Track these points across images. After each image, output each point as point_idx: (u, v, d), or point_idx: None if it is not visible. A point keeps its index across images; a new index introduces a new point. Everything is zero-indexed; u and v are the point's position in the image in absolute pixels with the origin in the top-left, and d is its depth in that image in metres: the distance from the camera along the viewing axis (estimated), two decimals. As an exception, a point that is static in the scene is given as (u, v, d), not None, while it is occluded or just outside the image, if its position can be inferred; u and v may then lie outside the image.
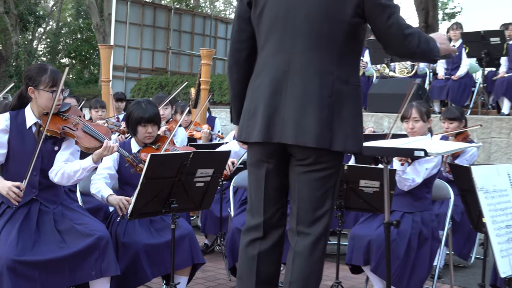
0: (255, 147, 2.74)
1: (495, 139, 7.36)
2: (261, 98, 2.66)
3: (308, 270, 2.63)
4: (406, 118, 4.47)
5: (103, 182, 4.00)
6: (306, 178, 2.65)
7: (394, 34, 2.64)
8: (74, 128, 3.55)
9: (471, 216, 3.71)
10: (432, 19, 18.56)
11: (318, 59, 2.63)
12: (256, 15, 2.71)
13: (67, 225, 3.53)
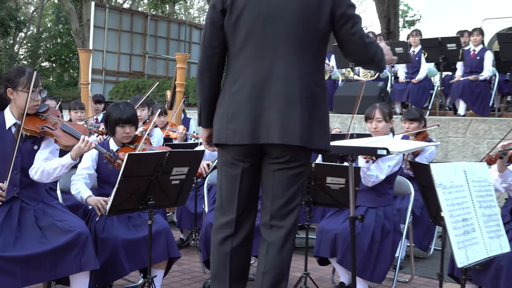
0: (232, 148, 2.72)
1: (452, 138, 7.45)
2: (242, 103, 2.65)
3: (281, 260, 2.65)
4: (369, 118, 4.51)
5: (83, 182, 3.98)
6: (281, 175, 2.67)
7: (357, 41, 2.71)
8: (53, 128, 3.51)
9: (430, 211, 3.74)
10: (394, 26, 18.72)
11: (298, 63, 2.65)
12: (232, 22, 2.68)
13: (48, 221, 3.48)
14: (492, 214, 3.01)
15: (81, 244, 3.41)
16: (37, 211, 3.52)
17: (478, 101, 8.56)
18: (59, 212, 3.61)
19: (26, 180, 3.51)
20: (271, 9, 2.61)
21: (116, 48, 16.22)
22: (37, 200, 3.58)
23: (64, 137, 3.51)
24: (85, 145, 3.44)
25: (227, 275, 2.73)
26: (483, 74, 8.69)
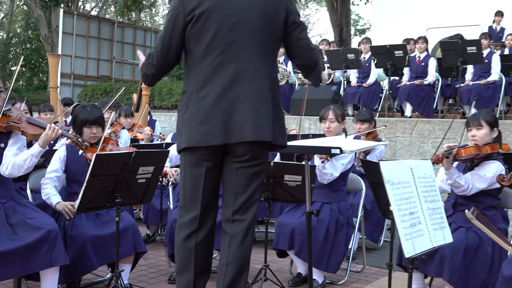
0: (199, 149, 2.70)
1: (400, 138, 7.55)
2: (212, 106, 2.64)
3: (243, 251, 2.66)
4: (323, 119, 4.55)
5: (52, 186, 3.94)
6: (243, 173, 2.68)
7: (304, 46, 2.79)
8: (18, 122, 3.46)
9: (380, 205, 3.79)
10: (346, 34, 18.93)
11: (262, 67, 2.68)
12: (196, 31, 2.66)
13: (19, 219, 3.42)
14: (436, 207, 3.07)
15: (51, 241, 3.36)
16: (7, 209, 3.45)
17: (423, 103, 8.70)
18: (30, 210, 3.55)
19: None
20: (235, 17, 2.62)
21: (84, 53, 16.02)
22: (6, 197, 3.50)
23: (30, 128, 3.46)
24: (52, 132, 3.41)
25: (192, 269, 2.72)
26: (428, 79, 8.83)
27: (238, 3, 2.62)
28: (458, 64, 8.20)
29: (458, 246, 3.52)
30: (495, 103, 8.39)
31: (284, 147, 2.82)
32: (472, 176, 3.67)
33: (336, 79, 9.65)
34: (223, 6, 2.61)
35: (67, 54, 15.31)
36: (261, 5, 2.63)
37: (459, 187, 3.63)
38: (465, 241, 3.58)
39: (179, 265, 2.77)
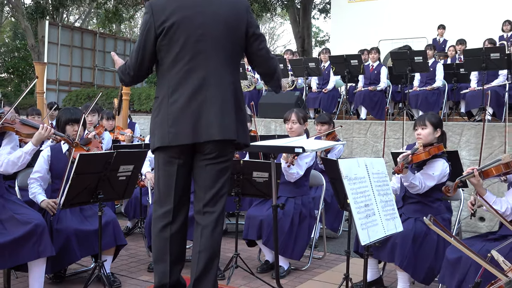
0: (171, 148, 2.69)
1: (356, 138, 7.62)
2: (182, 109, 2.63)
3: (214, 240, 2.66)
4: (287, 120, 4.58)
5: (38, 185, 3.92)
6: (212, 169, 2.69)
7: (263, 55, 2.81)
8: (12, 123, 3.41)
9: (339, 198, 3.82)
10: (307, 45, 19.06)
11: (226, 74, 2.69)
12: (165, 42, 2.65)
13: (8, 214, 3.35)
14: (388, 200, 3.10)
15: (38, 234, 3.32)
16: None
17: (376, 107, 8.79)
18: (18, 206, 3.49)
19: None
20: (201, 30, 2.63)
21: (69, 62, 15.80)
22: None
23: (24, 128, 3.43)
24: (45, 131, 3.38)
25: (168, 258, 2.71)
26: (380, 85, 8.93)
27: (203, 17, 2.63)
28: (407, 72, 8.32)
29: (408, 234, 3.57)
30: (439, 107, 8.53)
31: (247, 146, 2.83)
32: (423, 175, 3.72)
33: (299, 85, 9.69)
34: (190, 20, 2.62)
35: (53, 62, 15.08)
36: (224, 19, 2.65)
37: (414, 187, 3.69)
38: (413, 230, 3.63)
39: (156, 255, 2.76)
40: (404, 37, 12.92)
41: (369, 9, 14.20)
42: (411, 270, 3.61)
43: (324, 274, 4.46)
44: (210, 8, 2.64)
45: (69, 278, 4.15)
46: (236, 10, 2.69)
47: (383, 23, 13.75)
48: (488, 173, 3.23)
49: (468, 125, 6.94)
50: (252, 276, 4.14)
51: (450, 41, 11.08)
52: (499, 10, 11.91)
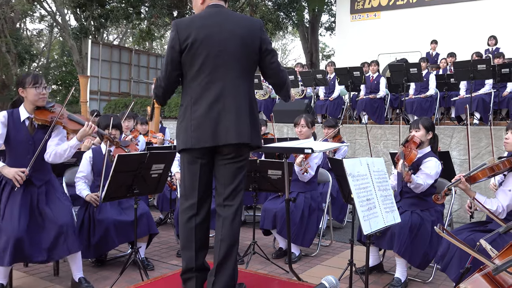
0: (194, 150, 2.69)
1: (358, 140, 7.58)
2: (203, 116, 2.62)
3: (233, 230, 2.64)
4: (297, 124, 4.57)
5: (83, 183, 3.99)
6: (230, 168, 2.67)
7: (275, 68, 2.76)
8: (61, 118, 3.35)
9: (343, 193, 3.79)
10: (315, 59, 19.02)
11: (242, 85, 2.67)
12: (189, 57, 2.64)
13: (44, 209, 3.29)
14: (387, 195, 3.07)
15: (64, 233, 3.28)
16: (40, 194, 3.32)
17: (376, 113, 8.74)
18: (56, 200, 3.40)
19: (37, 164, 3.30)
20: (220, 46, 2.62)
21: (108, 75, 15.92)
22: (43, 180, 3.37)
23: (71, 124, 3.36)
24: (89, 128, 3.32)
25: (193, 245, 2.70)
26: (379, 94, 8.87)
27: (222, 35, 2.62)
28: (403, 82, 8.27)
29: (405, 225, 3.53)
30: (432, 112, 8.46)
31: (259, 147, 2.82)
32: (423, 175, 3.69)
33: (308, 94, 9.67)
34: (210, 37, 2.61)
35: (95, 75, 15.22)
36: (240, 36, 2.64)
37: (419, 186, 3.65)
38: (410, 221, 3.59)
39: (183, 242, 2.75)
40: (400, 51, 12.83)
41: (369, 27, 14.14)
42: (408, 257, 3.57)
43: (331, 259, 4.44)
44: (228, 27, 2.63)
45: (109, 262, 4.18)
46: (251, 29, 2.67)
47: (382, 39, 13.67)
48: (475, 178, 3.18)
49: (458, 129, 6.86)
50: (268, 261, 4.13)
51: (441, 54, 10.98)
52: (485, 27, 11.80)
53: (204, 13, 2.70)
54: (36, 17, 25.64)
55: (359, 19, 14.45)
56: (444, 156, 4.15)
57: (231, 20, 2.66)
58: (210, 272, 2.67)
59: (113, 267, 4.05)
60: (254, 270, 3.59)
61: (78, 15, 18.63)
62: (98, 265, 4.09)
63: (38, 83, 3.29)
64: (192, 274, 2.71)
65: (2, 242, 3.12)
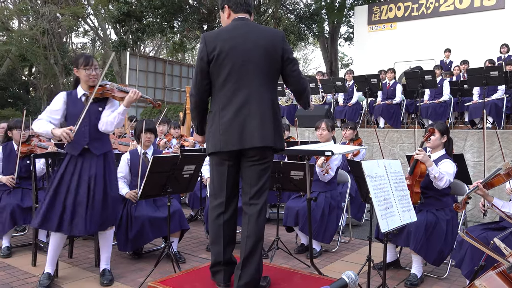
0: (221, 153, 2.69)
1: (375, 143, 7.47)
2: (229, 122, 2.63)
3: (258, 227, 2.63)
4: (318, 127, 4.55)
5: (122, 182, 4.05)
6: (255, 169, 2.66)
7: (296, 76, 2.73)
8: (110, 89, 3.34)
9: (362, 193, 3.74)
10: (335, 67, 18.86)
11: (265, 92, 2.65)
12: (216, 67, 2.65)
13: (100, 183, 3.30)
14: (404, 195, 3.00)
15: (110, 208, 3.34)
16: (98, 164, 3.33)
17: (393, 117, 8.61)
18: (111, 176, 3.42)
19: (94, 134, 3.32)
20: (244, 57, 2.61)
21: (145, 83, 16.17)
22: (101, 150, 3.35)
23: (118, 93, 3.33)
24: (134, 94, 3.27)
25: (221, 241, 2.70)
26: (396, 99, 8.74)
27: (246, 46, 2.62)
28: (418, 88, 8.12)
29: (421, 223, 3.45)
30: (446, 117, 8.27)
31: (282, 150, 2.79)
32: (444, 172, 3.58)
33: (328, 100, 9.59)
34: (236, 48, 2.61)
35: (132, 84, 15.45)
36: (264, 47, 2.62)
37: (442, 178, 3.49)
38: (425, 219, 3.51)
39: (212, 238, 2.75)
40: (416, 59, 12.61)
41: (386, 37, 13.96)
42: (424, 253, 3.49)
43: (350, 255, 4.37)
44: (251, 38, 2.63)
45: (145, 255, 4.22)
46: (273, 39, 2.66)
47: (398, 48, 13.48)
48: (493, 184, 3.09)
49: (471, 132, 6.69)
50: (290, 256, 4.10)
51: (455, 62, 10.76)
52: (497, 35, 11.51)
53: (230, 26, 2.71)
54: (80, 32, 26.28)
55: (376, 30, 14.28)
56: (458, 159, 4.04)
57: (255, 32, 2.66)
58: (237, 266, 2.66)
59: (148, 260, 4.08)
60: (277, 264, 3.57)
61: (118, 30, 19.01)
62: (135, 257, 4.13)
63: (89, 64, 3.30)
64: (221, 268, 2.70)
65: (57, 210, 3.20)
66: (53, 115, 3.31)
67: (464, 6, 12.68)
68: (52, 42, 22.59)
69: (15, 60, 23.33)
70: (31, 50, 21.42)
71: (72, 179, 3.27)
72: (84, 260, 4.05)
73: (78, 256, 4.14)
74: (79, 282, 3.50)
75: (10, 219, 4.09)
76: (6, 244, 4.21)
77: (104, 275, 3.46)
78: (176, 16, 15.71)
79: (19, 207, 4.12)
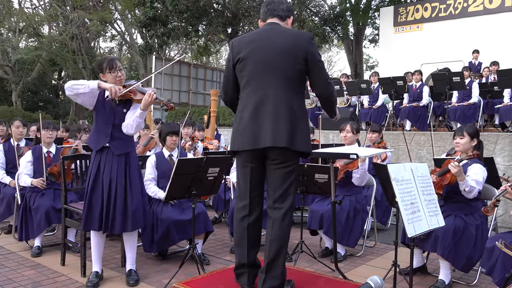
0: (242, 153, 2.71)
1: (401, 146, 7.36)
2: (247, 121, 2.65)
3: (282, 231, 2.61)
4: (342, 129, 4.51)
5: (154, 184, 4.10)
6: (278, 172, 2.64)
7: (322, 79, 2.68)
8: (131, 91, 3.34)
9: (387, 197, 3.68)
10: (359, 69, 18.67)
11: (283, 93, 2.63)
12: (240, 69, 2.71)
13: (121, 180, 3.37)
14: (431, 199, 2.94)
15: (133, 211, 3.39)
16: (119, 166, 3.37)
17: (419, 120, 8.48)
18: (135, 178, 3.45)
19: (116, 134, 3.37)
20: (265, 60, 2.64)
21: (170, 87, 16.37)
22: (122, 150, 3.38)
23: (139, 95, 3.34)
24: (149, 97, 3.23)
25: (245, 243, 2.70)
26: (422, 102, 8.60)
27: (267, 49, 2.64)
28: (446, 90, 7.96)
29: (449, 228, 3.38)
30: (475, 120, 8.07)
31: (309, 154, 2.74)
32: (472, 181, 3.49)
33: (353, 102, 9.51)
34: (257, 52, 2.65)
35: (158, 87, 15.67)
36: (285, 49, 2.62)
37: (472, 190, 3.44)
38: (454, 224, 3.43)
39: (236, 240, 2.76)
40: (443, 60, 12.37)
41: (412, 38, 13.74)
42: (452, 259, 3.41)
43: (375, 260, 4.31)
44: (273, 41, 2.64)
45: (170, 257, 4.26)
46: (297, 41, 2.63)
47: (424, 50, 13.25)
48: None
49: (502, 135, 6.50)
50: (315, 259, 4.07)
51: (484, 63, 10.50)
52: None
53: (256, 30, 2.77)
54: (108, 37, 26.84)
55: (402, 31, 14.07)
56: (488, 162, 3.93)
57: (278, 35, 2.67)
58: (261, 269, 2.66)
59: (173, 261, 4.12)
60: (301, 268, 3.55)
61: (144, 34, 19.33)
62: (160, 258, 4.18)
63: (113, 67, 3.34)
64: (244, 270, 2.71)
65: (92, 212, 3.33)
66: (91, 96, 3.33)
67: (494, 6, 12.37)
68: (80, 47, 23.14)
69: (45, 64, 24.00)
70: (61, 55, 22.00)
71: (97, 179, 3.35)
72: (110, 260, 4.12)
73: (105, 256, 4.21)
74: (106, 282, 3.56)
75: (45, 219, 4.21)
76: (38, 244, 4.32)
77: (130, 275, 3.52)
78: (201, 20, 15.85)
79: (53, 208, 4.24)
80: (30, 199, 4.33)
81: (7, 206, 4.84)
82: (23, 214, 4.32)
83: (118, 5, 21.67)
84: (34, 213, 4.25)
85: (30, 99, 26.55)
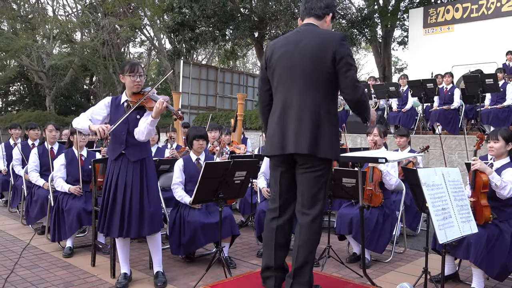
0: (273, 157, 2.73)
1: (432, 150, 7.19)
2: (275, 126, 2.66)
3: (309, 237, 2.58)
4: (370, 133, 4.45)
5: (181, 189, 4.10)
6: (306, 177, 2.61)
7: (349, 82, 2.56)
8: (146, 99, 3.37)
9: (417, 202, 3.60)
10: (388, 72, 18.38)
11: (310, 97, 2.58)
12: (270, 73, 2.74)
13: (136, 185, 3.39)
14: (463, 205, 2.86)
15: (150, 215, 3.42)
16: (134, 175, 3.39)
17: (450, 123, 8.29)
18: (152, 185, 3.47)
19: (131, 140, 3.41)
20: (292, 63, 2.63)
21: (197, 91, 16.52)
22: (137, 156, 3.41)
23: (151, 102, 3.36)
24: (160, 105, 3.24)
25: (273, 245, 2.69)
26: (454, 105, 8.40)
27: (295, 51, 2.63)
28: (478, 92, 7.74)
29: (482, 235, 3.27)
30: (509, 123, 7.82)
31: (337, 160, 2.72)
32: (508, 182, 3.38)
33: (381, 106, 9.37)
34: (285, 55, 2.66)
35: (186, 91, 15.83)
36: (311, 52, 2.57)
37: (505, 186, 3.32)
38: (487, 231, 3.32)
39: (265, 240, 2.76)
40: (475, 62, 12.04)
41: (443, 39, 13.44)
42: (485, 267, 3.30)
43: (404, 266, 4.22)
44: (302, 43, 2.62)
45: (197, 259, 4.29)
46: (326, 42, 2.56)
47: (455, 51, 12.94)
48: None
49: (538, 139, 6.25)
50: (342, 265, 4.02)
51: (519, 65, 10.16)
52: None
53: (290, 33, 2.76)
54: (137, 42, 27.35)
55: (432, 33, 13.79)
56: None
57: (308, 36, 2.62)
58: (289, 274, 2.64)
59: (200, 264, 4.14)
60: (329, 273, 3.51)
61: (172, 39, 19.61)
62: (187, 261, 4.21)
63: (134, 71, 3.38)
64: (271, 273, 2.69)
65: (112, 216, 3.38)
66: (94, 115, 3.42)
67: (529, 5, 11.97)
68: (111, 53, 23.68)
69: (77, 70, 24.69)
70: (92, 61, 22.58)
71: (111, 185, 3.40)
72: (139, 262, 4.18)
73: (133, 258, 4.28)
74: (134, 283, 3.62)
75: (77, 221, 4.32)
76: (69, 245, 4.44)
77: (157, 277, 3.56)
78: (228, 24, 15.98)
79: (84, 210, 4.35)
80: (62, 201, 4.45)
81: (41, 207, 4.99)
82: (55, 216, 4.46)
83: (148, 11, 22.09)
84: (66, 215, 4.37)
85: (62, 103, 27.34)
